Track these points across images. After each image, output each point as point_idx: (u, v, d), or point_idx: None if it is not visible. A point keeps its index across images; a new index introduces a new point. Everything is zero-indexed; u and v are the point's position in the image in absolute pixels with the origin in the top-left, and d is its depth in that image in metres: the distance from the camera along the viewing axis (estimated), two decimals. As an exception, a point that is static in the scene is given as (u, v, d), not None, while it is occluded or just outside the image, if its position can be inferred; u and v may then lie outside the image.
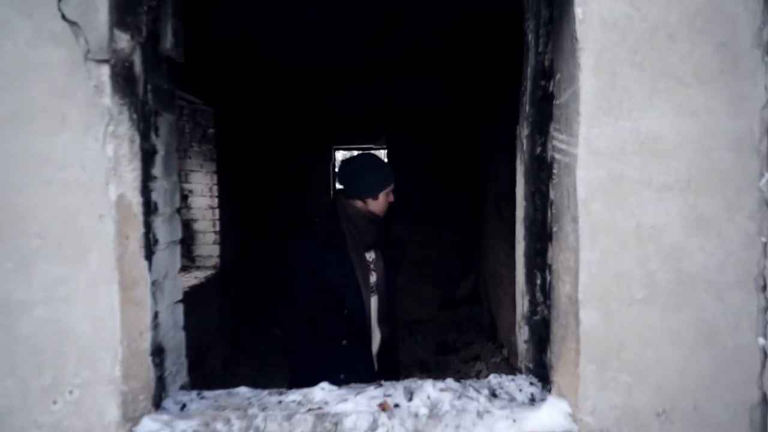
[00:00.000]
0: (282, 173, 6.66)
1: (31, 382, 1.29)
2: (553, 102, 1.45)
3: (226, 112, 5.24)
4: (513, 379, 1.62)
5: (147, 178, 1.41)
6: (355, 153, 3.30)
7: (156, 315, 1.45)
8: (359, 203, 2.43)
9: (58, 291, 1.27)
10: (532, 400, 1.51)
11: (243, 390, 1.63)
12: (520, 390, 1.56)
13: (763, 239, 1.36)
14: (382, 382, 1.63)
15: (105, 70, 1.25)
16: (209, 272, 4.86)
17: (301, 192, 6.59)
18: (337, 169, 2.54)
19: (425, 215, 6.13)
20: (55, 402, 1.30)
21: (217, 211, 5.06)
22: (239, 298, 5.53)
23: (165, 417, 1.39)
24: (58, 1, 1.23)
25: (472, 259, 6.30)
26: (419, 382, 1.60)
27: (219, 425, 1.38)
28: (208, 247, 5.06)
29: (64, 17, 1.23)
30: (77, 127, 1.25)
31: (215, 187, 5.07)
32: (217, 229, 5.05)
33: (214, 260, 5.04)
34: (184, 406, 1.50)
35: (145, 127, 1.39)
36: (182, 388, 1.64)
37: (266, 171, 6.65)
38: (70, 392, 1.30)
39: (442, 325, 5.97)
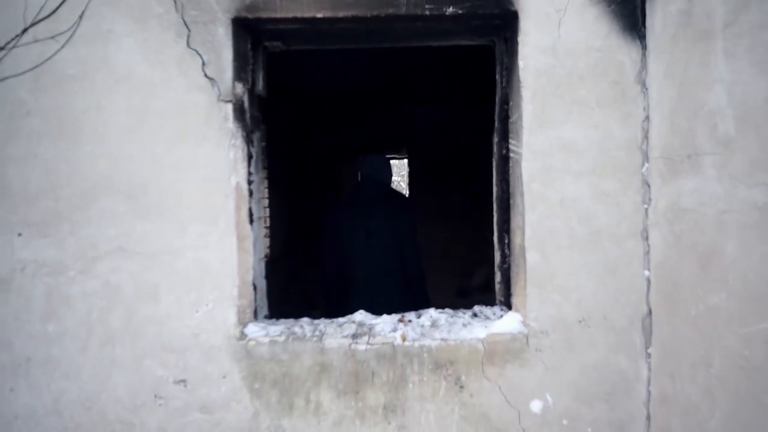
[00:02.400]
0: (319, 178, 7.49)
1: (183, 298, 2.09)
2: (509, 120, 2.22)
3: (274, 129, 6.10)
4: (490, 308, 2.37)
5: (248, 173, 2.21)
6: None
7: (252, 264, 2.24)
8: None
9: (200, 241, 2.08)
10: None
11: (305, 319, 2.40)
12: (494, 314, 2.31)
13: (645, 206, 2.09)
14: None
15: (229, 107, 2.07)
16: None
17: (335, 194, 7.42)
18: (366, 162, 3.44)
19: (443, 215, 6.88)
20: (197, 311, 2.10)
21: (267, 209, 5.92)
22: (285, 284, 6.35)
23: (261, 324, 2.18)
24: (203, 66, 2.04)
25: (483, 252, 7.00)
26: (425, 309, 2.36)
27: (296, 328, 2.17)
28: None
29: (206, 75, 2.05)
30: (213, 141, 2.07)
31: (266, 190, 5.93)
32: (268, 224, 5.91)
33: (266, 250, 5.89)
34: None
35: (247, 140, 2.19)
36: (264, 317, 2.43)
37: (306, 176, 7.48)
38: (207, 305, 2.10)
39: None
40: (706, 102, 1.71)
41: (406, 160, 8.04)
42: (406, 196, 3.34)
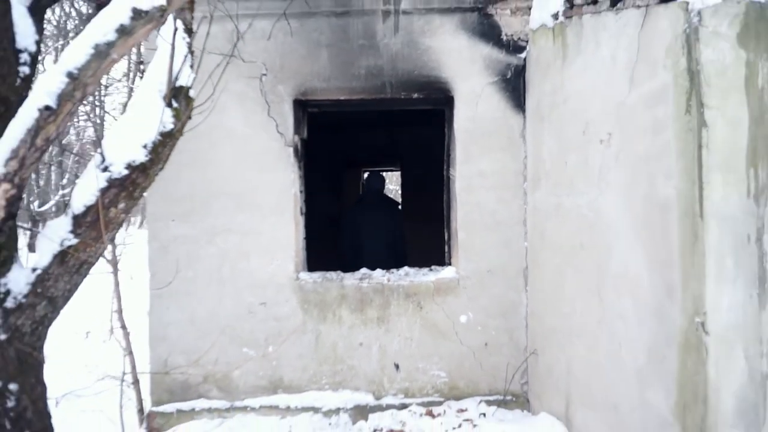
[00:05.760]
0: (326, 187, 9.09)
1: (264, 257, 3.69)
2: (450, 156, 3.85)
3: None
4: (440, 266, 3.99)
5: (299, 186, 3.81)
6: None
7: (301, 239, 3.85)
8: None
9: (274, 225, 3.68)
10: (446, 272, 3.87)
11: (332, 272, 4.00)
12: (441, 269, 3.93)
13: (525, 207, 3.71)
14: (388, 269, 4.02)
15: (291, 149, 3.68)
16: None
17: (340, 201, 9.02)
18: (370, 176, 5.01)
19: (428, 218, 8.43)
20: (272, 264, 3.70)
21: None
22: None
23: (307, 273, 3.80)
24: (276, 126, 3.66)
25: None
26: (402, 267, 3.98)
27: (328, 275, 3.79)
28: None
29: (278, 131, 3.66)
30: (281, 169, 3.68)
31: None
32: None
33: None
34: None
35: (299, 167, 3.80)
36: (306, 271, 4.02)
37: (315, 185, 9.07)
38: (277, 261, 3.70)
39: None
40: (542, 152, 3.32)
41: (399, 173, 9.66)
42: (397, 201, 4.96)
